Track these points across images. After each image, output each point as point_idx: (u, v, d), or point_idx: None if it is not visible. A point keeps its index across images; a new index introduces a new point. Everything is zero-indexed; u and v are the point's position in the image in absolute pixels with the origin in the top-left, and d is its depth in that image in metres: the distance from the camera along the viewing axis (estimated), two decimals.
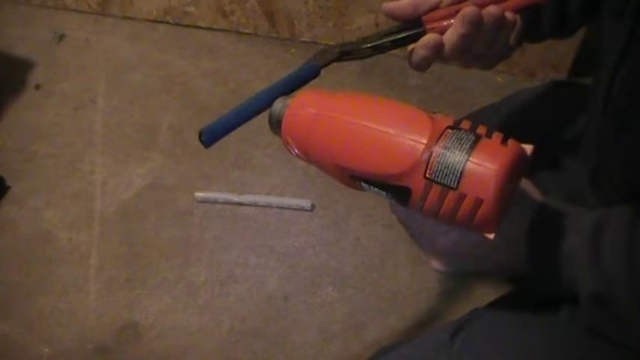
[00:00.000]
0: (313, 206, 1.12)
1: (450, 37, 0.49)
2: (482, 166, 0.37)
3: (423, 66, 0.50)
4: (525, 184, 0.46)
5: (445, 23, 0.50)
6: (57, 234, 1.11)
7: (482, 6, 0.50)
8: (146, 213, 1.13)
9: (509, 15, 0.49)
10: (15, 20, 1.51)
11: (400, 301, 1.00)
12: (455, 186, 0.38)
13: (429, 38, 0.49)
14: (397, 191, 0.40)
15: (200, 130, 0.45)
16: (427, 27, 0.50)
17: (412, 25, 0.51)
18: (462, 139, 0.38)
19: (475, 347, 0.52)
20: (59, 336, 0.98)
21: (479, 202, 0.37)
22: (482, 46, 0.50)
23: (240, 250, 1.08)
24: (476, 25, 0.47)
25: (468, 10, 0.47)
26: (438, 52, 0.49)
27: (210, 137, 0.45)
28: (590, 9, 0.57)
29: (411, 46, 0.51)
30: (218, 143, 0.46)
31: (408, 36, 0.51)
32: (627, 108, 0.47)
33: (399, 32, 0.52)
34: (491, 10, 0.48)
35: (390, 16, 0.52)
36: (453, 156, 0.38)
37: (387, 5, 0.51)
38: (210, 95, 1.32)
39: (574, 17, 0.58)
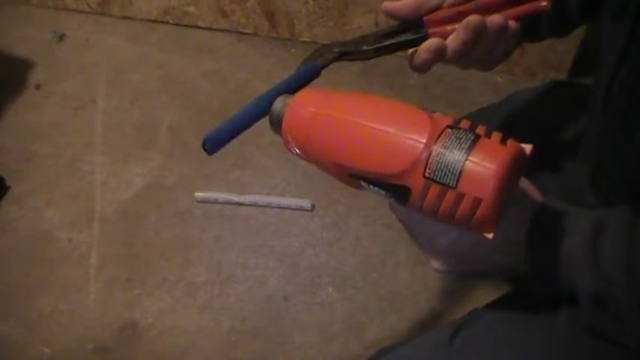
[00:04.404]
0: (313, 206, 1.12)
1: (452, 42, 0.49)
2: (481, 165, 0.37)
3: (424, 69, 0.51)
4: (525, 183, 0.46)
5: (449, 28, 0.50)
6: (57, 234, 1.11)
7: (483, 8, 0.50)
8: (146, 213, 1.13)
9: (511, 23, 0.50)
10: (15, 20, 1.51)
11: (400, 301, 1.00)
12: (454, 185, 0.38)
13: (432, 42, 0.49)
14: (396, 190, 0.40)
15: (204, 138, 0.44)
16: (430, 32, 0.50)
17: (413, 26, 0.51)
18: (461, 139, 0.38)
19: (475, 347, 0.51)
20: (59, 336, 0.98)
21: (478, 201, 0.37)
22: (483, 52, 0.51)
23: (240, 250, 1.08)
24: (479, 33, 0.48)
25: (472, 18, 0.47)
26: (440, 56, 0.49)
27: (213, 145, 0.44)
28: (589, 9, 0.57)
29: (412, 49, 0.51)
30: None
31: (410, 40, 0.51)
32: (627, 108, 0.47)
33: (399, 32, 0.52)
34: (495, 19, 0.48)
35: (391, 16, 0.52)
36: (452, 155, 0.38)
37: (388, 5, 0.51)
38: (210, 95, 1.32)
39: (573, 17, 0.58)
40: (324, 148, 0.43)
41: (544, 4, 0.51)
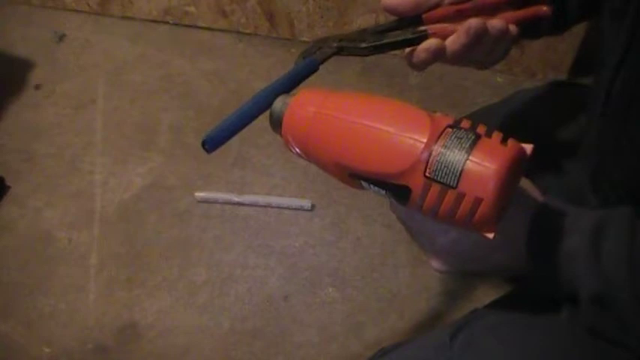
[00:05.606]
0: (313, 206, 1.12)
1: (452, 44, 0.49)
2: (481, 165, 0.37)
3: (422, 67, 0.51)
4: (525, 183, 0.46)
5: (448, 27, 0.50)
6: (57, 234, 1.11)
7: (482, 8, 0.50)
8: (146, 213, 1.13)
9: (511, 27, 0.50)
10: (15, 20, 1.51)
11: (400, 301, 1.00)
12: (454, 185, 0.38)
13: (432, 43, 0.49)
14: (397, 190, 0.40)
15: (203, 138, 0.44)
16: (430, 32, 0.50)
17: (412, 23, 0.52)
18: (461, 138, 0.38)
19: (475, 348, 0.51)
20: (59, 336, 0.98)
21: (478, 201, 0.37)
22: (482, 54, 0.51)
23: (240, 250, 1.08)
24: (480, 37, 0.48)
25: (474, 22, 0.47)
26: (439, 56, 0.49)
27: (213, 144, 0.44)
28: (589, 8, 0.57)
29: (410, 48, 0.51)
30: None
31: (409, 39, 0.51)
32: (627, 109, 0.47)
33: (397, 29, 0.52)
34: (496, 23, 0.49)
35: (391, 12, 0.52)
36: (452, 155, 0.38)
37: (387, 2, 0.51)
38: (210, 95, 1.32)
39: (573, 16, 0.58)
40: (324, 148, 0.43)
41: (545, 8, 0.51)
